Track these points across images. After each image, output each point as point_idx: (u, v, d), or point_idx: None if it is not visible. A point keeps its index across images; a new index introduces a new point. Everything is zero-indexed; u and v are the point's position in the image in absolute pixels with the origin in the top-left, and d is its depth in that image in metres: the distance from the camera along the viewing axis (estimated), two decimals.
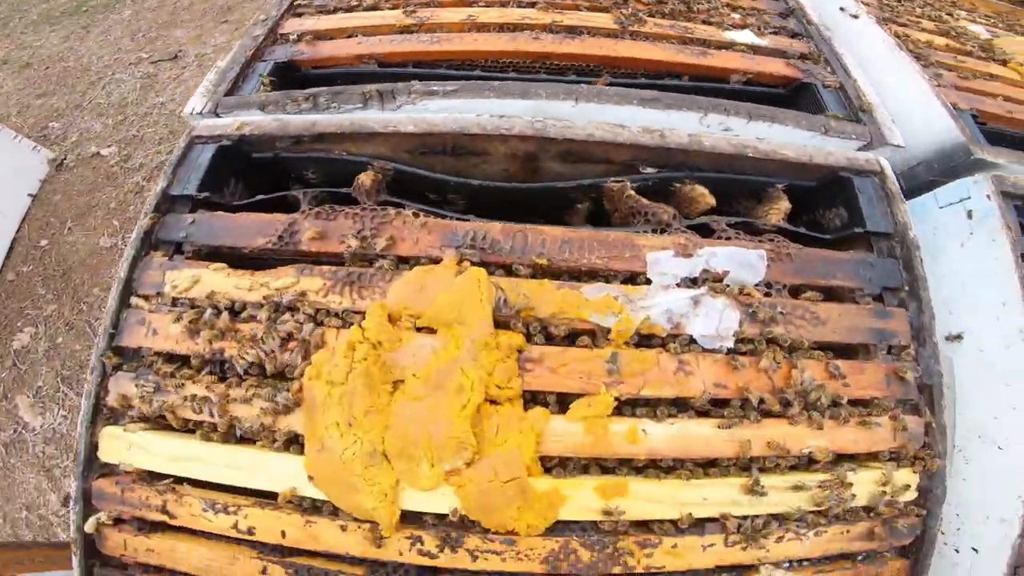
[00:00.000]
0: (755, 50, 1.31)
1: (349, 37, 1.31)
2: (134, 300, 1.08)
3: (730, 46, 1.31)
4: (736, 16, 1.40)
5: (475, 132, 1.13)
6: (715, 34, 1.31)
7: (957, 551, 1.16)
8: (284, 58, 1.31)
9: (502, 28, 1.29)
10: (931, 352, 1.08)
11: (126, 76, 3.10)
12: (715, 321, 1.00)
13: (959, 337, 1.20)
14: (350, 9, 1.40)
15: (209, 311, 1.02)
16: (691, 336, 0.99)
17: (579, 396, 0.97)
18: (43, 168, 2.84)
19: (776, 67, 1.30)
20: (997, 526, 1.10)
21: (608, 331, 0.98)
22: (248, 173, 1.23)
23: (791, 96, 1.32)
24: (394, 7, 1.37)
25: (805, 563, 1.03)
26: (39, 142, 2.90)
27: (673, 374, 0.97)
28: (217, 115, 1.22)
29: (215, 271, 1.06)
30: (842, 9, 1.55)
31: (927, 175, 1.31)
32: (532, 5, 1.34)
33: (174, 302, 1.06)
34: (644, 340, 1.00)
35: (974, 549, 1.13)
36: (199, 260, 1.09)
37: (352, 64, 1.31)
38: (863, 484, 1.01)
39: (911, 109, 1.32)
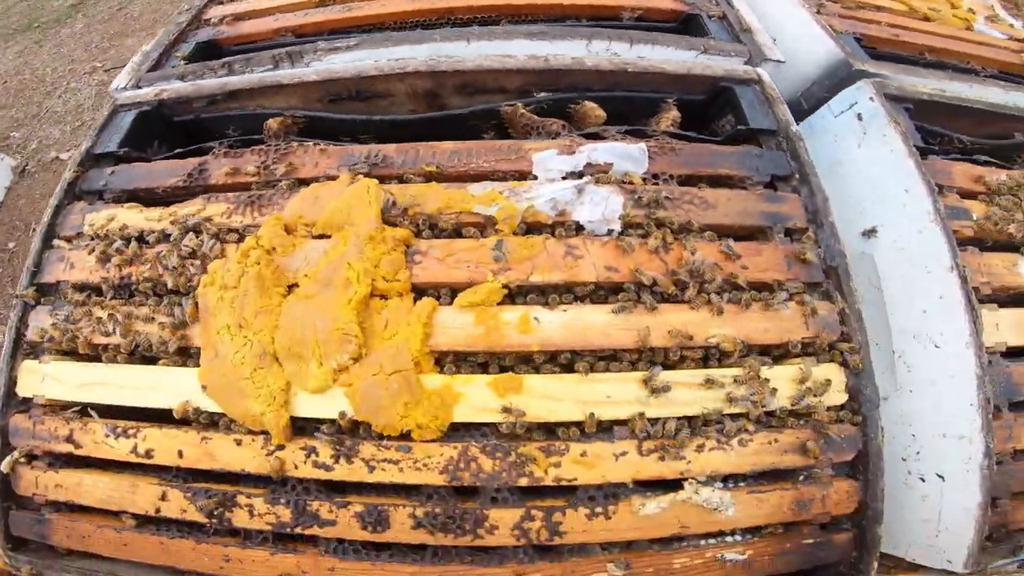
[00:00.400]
0: None
1: (267, 15, 1.43)
2: (56, 242, 1.13)
3: None
4: None
5: (373, 74, 1.21)
6: None
7: (923, 480, 1.06)
8: (206, 38, 1.43)
9: None
10: (830, 232, 1.07)
11: (81, 85, 3.33)
12: (600, 207, 1.02)
13: (874, 231, 1.19)
14: None
15: (119, 241, 1.07)
16: (577, 222, 1.01)
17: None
18: (7, 176, 3.00)
19: (664, 3, 1.40)
20: (956, 444, 1.02)
21: (495, 222, 1.01)
22: (170, 136, 1.31)
23: (681, 29, 1.41)
24: None
25: (740, 483, 0.96)
26: (2, 151, 3.08)
27: (562, 258, 0.98)
28: (139, 87, 1.31)
29: (129, 209, 1.12)
30: None
31: (821, 92, 1.37)
32: None
33: (91, 239, 1.10)
34: (531, 230, 1.02)
35: (940, 476, 1.04)
36: (118, 204, 1.15)
37: (270, 39, 1.43)
38: (781, 381, 0.96)
39: (796, 36, 1.41)
